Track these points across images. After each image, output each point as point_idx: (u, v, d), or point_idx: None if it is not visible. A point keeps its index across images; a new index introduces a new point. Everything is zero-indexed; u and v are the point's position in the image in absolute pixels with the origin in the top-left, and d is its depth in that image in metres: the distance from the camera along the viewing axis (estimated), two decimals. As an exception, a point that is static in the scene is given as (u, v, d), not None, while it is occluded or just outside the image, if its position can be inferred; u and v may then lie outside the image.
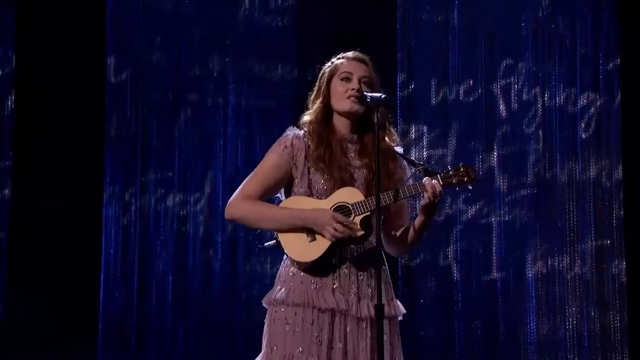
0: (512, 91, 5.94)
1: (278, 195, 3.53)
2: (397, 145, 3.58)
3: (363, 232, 3.36)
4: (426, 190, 3.34)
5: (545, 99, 5.90)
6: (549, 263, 5.78)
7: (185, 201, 6.06)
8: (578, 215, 5.77)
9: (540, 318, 5.76)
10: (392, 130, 3.58)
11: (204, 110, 6.13)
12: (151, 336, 5.93)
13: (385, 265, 3.49)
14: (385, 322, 3.37)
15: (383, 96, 3.37)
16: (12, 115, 6.00)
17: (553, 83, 5.90)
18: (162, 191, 6.04)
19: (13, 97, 6.03)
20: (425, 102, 5.96)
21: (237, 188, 3.49)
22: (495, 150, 5.90)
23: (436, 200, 3.35)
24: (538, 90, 5.91)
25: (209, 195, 6.08)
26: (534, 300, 5.76)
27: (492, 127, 5.91)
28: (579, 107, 5.88)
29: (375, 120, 3.33)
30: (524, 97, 5.94)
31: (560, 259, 5.78)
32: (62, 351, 5.81)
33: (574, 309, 5.72)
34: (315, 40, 6.08)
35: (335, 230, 3.33)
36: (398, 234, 3.53)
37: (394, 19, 5.96)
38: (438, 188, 3.34)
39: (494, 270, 5.84)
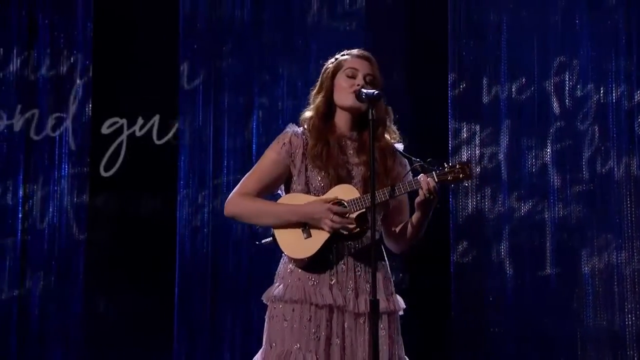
0: (566, 88, 5.90)
1: (279, 192, 3.56)
2: (398, 142, 3.58)
3: (358, 228, 3.36)
4: (421, 187, 3.34)
5: (600, 95, 5.87)
6: (607, 259, 5.75)
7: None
8: (636, 211, 5.72)
9: (597, 314, 5.73)
10: (393, 128, 3.59)
11: (274, 113, 6.26)
12: (225, 332, 6.05)
13: (384, 261, 3.53)
14: (384, 317, 3.42)
15: (376, 93, 3.38)
16: (89, 121, 6.22)
17: (608, 79, 5.86)
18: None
19: (90, 105, 6.21)
20: (477, 101, 5.96)
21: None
22: (548, 146, 5.88)
23: (431, 197, 3.35)
24: (592, 86, 5.87)
25: (277, 197, 6.18)
26: (590, 297, 5.73)
27: (546, 124, 5.87)
28: (635, 102, 5.84)
29: (370, 117, 3.32)
30: (578, 93, 5.90)
31: (618, 254, 5.74)
32: (139, 347, 5.98)
33: (633, 304, 5.67)
34: (382, 43, 6.14)
35: (332, 221, 3.34)
36: (398, 230, 3.53)
37: (445, 18, 5.99)
38: (432, 184, 3.33)
39: (548, 267, 5.82)
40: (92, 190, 6.16)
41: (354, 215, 3.37)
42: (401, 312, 3.52)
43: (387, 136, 3.55)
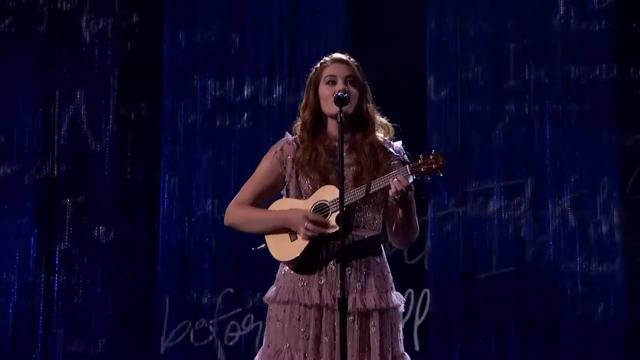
0: None
1: (282, 193, 3.61)
2: (390, 139, 3.59)
3: (337, 228, 3.37)
4: (392, 182, 3.35)
5: None
6: None
7: (507, 206, 6.28)
8: None
9: None
10: (383, 123, 3.60)
11: (520, 119, 6.31)
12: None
13: (380, 257, 3.52)
14: (375, 314, 3.43)
15: (345, 95, 3.40)
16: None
17: None
18: (482, 199, 6.32)
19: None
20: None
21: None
22: None
23: (403, 191, 3.33)
24: None
25: (531, 201, 6.25)
26: None
27: None
28: None
29: (338, 120, 3.37)
30: None
31: None
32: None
33: None
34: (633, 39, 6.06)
35: (306, 229, 3.41)
36: (394, 227, 3.54)
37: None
38: (401, 179, 3.32)
39: None
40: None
41: (332, 218, 3.41)
42: (401, 309, 3.54)
43: (378, 133, 3.58)
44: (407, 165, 3.40)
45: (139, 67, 6.48)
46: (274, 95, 6.44)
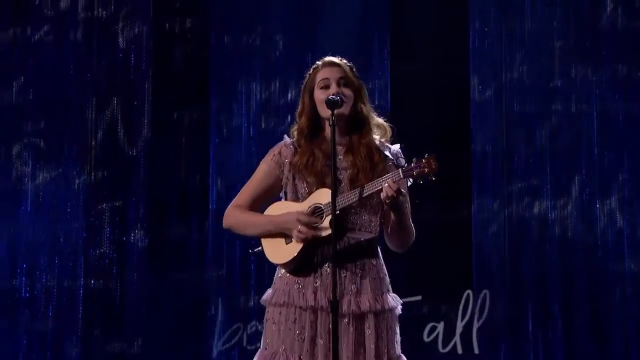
0: None
1: (281, 195, 3.62)
2: (387, 141, 3.58)
3: (330, 231, 3.37)
4: (383, 186, 3.35)
5: None
6: None
7: (553, 206, 6.23)
8: None
9: None
10: (380, 123, 3.59)
11: (567, 118, 6.26)
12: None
13: (376, 260, 3.52)
14: (370, 317, 3.43)
15: (337, 98, 3.41)
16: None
17: None
18: (528, 200, 6.28)
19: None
20: None
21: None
22: None
23: (394, 195, 3.33)
24: None
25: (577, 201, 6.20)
26: None
27: None
28: None
29: (330, 123, 3.39)
30: None
31: None
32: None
33: None
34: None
35: (299, 232, 3.42)
36: (389, 230, 3.54)
37: None
38: (391, 183, 3.32)
39: None
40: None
41: (326, 221, 3.41)
42: (398, 311, 3.54)
43: (375, 135, 3.58)
44: (399, 169, 3.40)
45: (178, 72, 6.54)
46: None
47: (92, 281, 6.40)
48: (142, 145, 6.49)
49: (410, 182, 3.44)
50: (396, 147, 3.61)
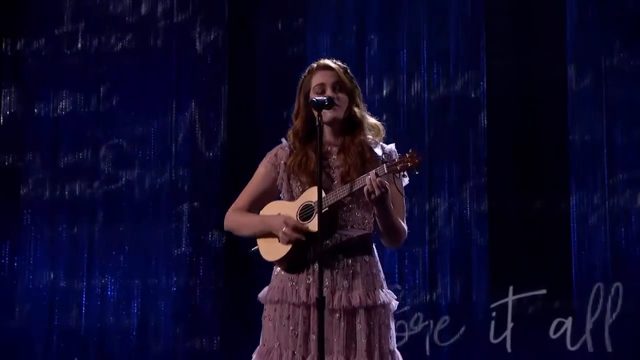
0: None
1: (281, 197, 3.67)
2: (381, 140, 3.63)
3: (316, 231, 3.43)
4: (366, 180, 3.41)
5: None
6: None
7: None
8: None
9: None
10: (373, 124, 3.64)
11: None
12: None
13: (369, 256, 3.57)
14: (361, 312, 3.50)
15: (326, 100, 3.47)
16: (484, 133, 6.40)
17: None
18: (631, 191, 6.16)
19: (485, 119, 6.45)
20: None
21: None
22: None
23: (376, 191, 3.39)
24: None
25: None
26: None
27: None
28: None
29: (317, 123, 3.44)
30: None
31: None
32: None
33: None
34: None
35: (284, 234, 3.50)
36: (379, 226, 3.58)
37: None
38: (373, 176, 3.38)
39: None
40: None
41: (315, 220, 3.46)
42: (392, 307, 3.59)
43: (368, 135, 3.64)
44: (384, 164, 3.44)
45: (259, 74, 6.66)
46: (412, 93, 6.48)
47: (175, 279, 6.60)
48: (219, 146, 6.66)
49: (407, 181, 3.55)
50: (391, 146, 3.69)
